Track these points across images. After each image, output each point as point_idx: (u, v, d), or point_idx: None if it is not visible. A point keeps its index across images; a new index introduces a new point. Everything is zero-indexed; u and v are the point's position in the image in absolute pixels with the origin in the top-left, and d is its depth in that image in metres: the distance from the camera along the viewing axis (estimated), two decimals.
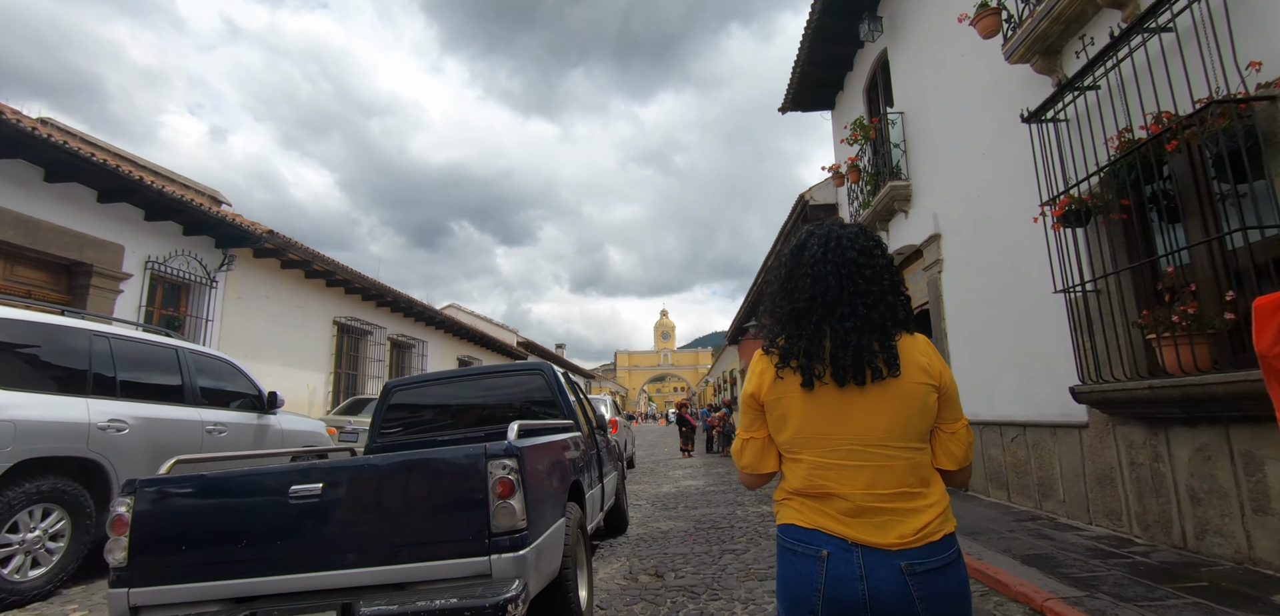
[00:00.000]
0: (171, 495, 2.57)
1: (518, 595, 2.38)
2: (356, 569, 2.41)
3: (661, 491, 9.18)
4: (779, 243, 13.80)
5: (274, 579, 2.42)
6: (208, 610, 2.42)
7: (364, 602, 2.36)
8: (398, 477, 2.56)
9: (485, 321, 28.15)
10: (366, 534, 2.48)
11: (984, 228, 5.97)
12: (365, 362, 14.84)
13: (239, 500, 2.58)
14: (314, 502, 2.46)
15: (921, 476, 1.30)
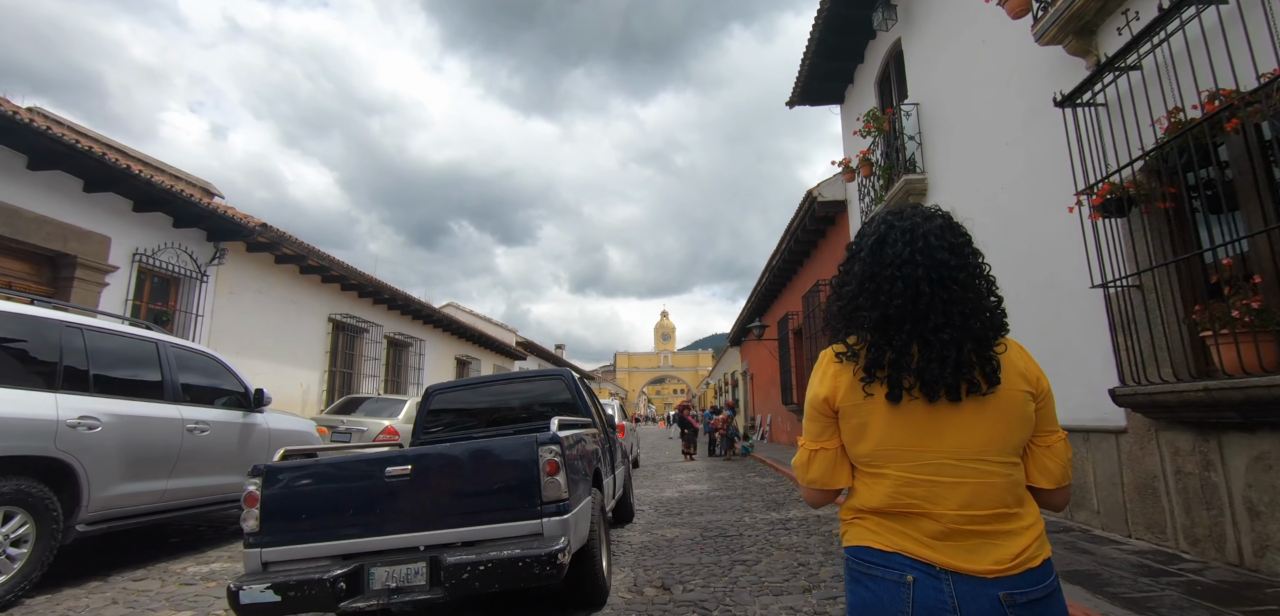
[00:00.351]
0: (289, 475, 3.19)
1: (563, 548, 3.00)
2: (440, 530, 3.07)
3: (664, 496, 8.89)
4: (785, 241, 13.52)
5: (375, 538, 3.05)
6: (323, 564, 3.00)
7: (449, 555, 2.96)
8: (469, 460, 3.22)
9: (484, 320, 27.87)
10: (446, 503, 3.15)
11: (1007, 221, 5.67)
12: (361, 361, 14.55)
13: (345, 478, 3.25)
14: (405, 480, 3.11)
15: (1018, 495, 1.17)
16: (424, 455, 3.24)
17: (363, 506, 3.11)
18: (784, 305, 16.76)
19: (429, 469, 3.19)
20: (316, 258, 11.71)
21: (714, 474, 11.74)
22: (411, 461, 3.15)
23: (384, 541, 3.05)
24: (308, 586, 2.82)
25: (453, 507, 3.13)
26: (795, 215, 12.19)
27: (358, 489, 3.17)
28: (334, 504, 3.15)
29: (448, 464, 3.24)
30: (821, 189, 11.11)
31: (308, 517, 3.12)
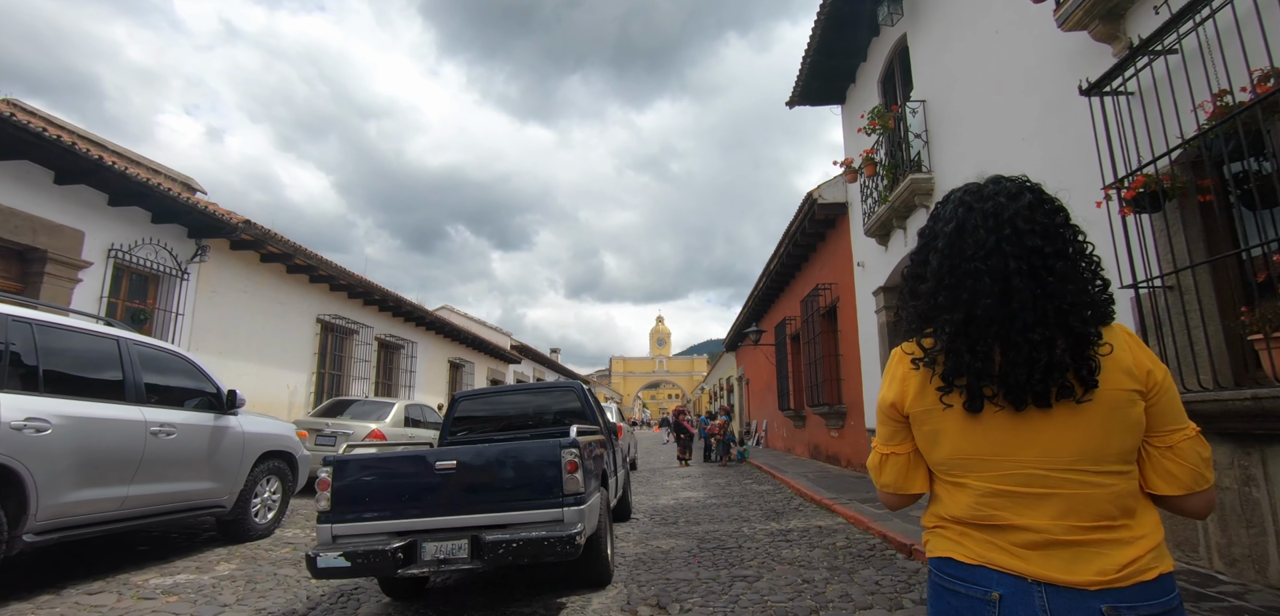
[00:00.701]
0: (355, 466, 3.76)
1: (579, 532, 3.57)
2: (479, 514, 3.64)
3: (659, 503, 8.58)
4: (784, 244, 13.25)
5: (426, 519, 3.63)
6: (383, 538, 3.53)
7: (487, 533, 3.52)
8: (503, 458, 3.77)
9: (478, 324, 27.50)
10: (484, 493, 3.71)
11: None
12: (350, 362, 14.20)
13: (401, 470, 3.84)
14: (451, 472, 3.66)
15: (1125, 506, 1.02)
16: (466, 453, 3.83)
17: (415, 493, 3.71)
18: (782, 309, 16.50)
19: (470, 464, 3.78)
20: (304, 256, 11.38)
21: (710, 480, 11.43)
22: (456, 458, 3.73)
23: (433, 522, 3.64)
24: (372, 555, 3.39)
25: (489, 496, 3.72)
26: (795, 218, 11.93)
27: (411, 479, 3.77)
28: (392, 490, 3.74)
29: (486, 461, 3.82)
30: (822, 191, 10.85)
31: (370, 501, 3.70)
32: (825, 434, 12.69)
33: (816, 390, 12.32)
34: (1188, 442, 1.04)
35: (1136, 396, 1.02)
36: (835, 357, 11.81)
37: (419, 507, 3.69)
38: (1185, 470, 1.03)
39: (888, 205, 7.90)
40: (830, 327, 12.15)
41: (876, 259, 9.13)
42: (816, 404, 12.33)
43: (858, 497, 7.49)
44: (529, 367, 30.80)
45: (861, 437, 10.40)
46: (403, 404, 9.94)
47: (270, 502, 6.15)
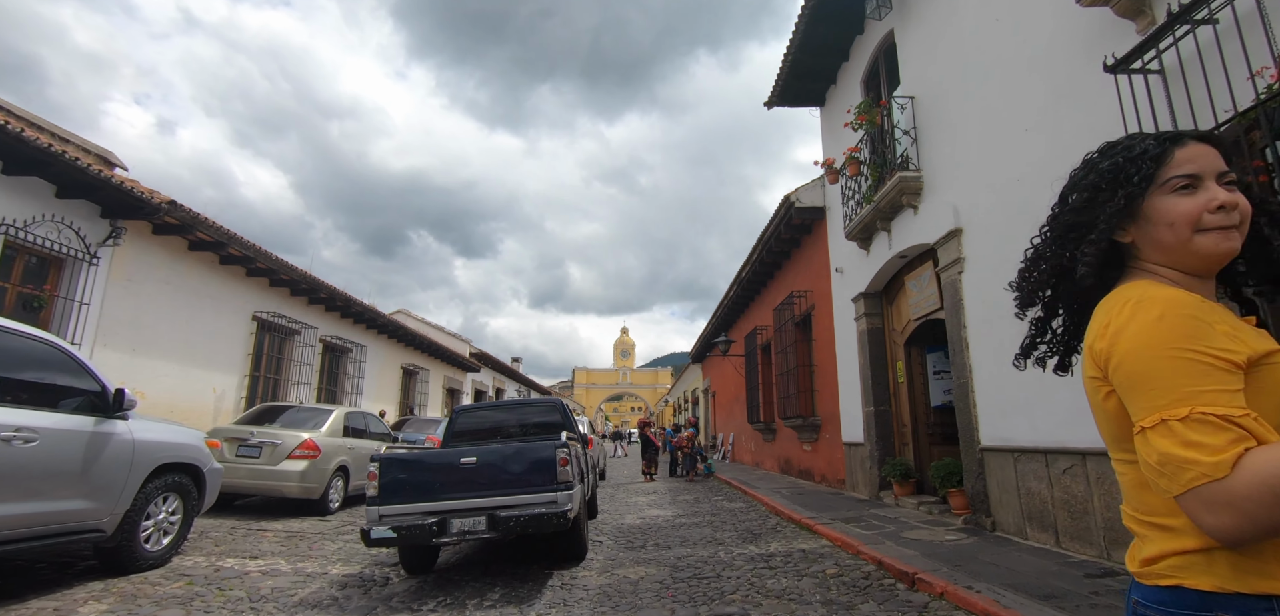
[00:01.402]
0: (396, 464, 4.73)
1: (571, 509, 4.71)
2: (493, 497, 4.66)
3: (624, 523, 7.90)
4: (757, 250, 12.81)
5: (451, 502, 4.63)
6: (419, 515, 4.54)
7: (500, 511, 4.59)
8: (512, 455, 4.80)
9: (436, 330, 26.37)
10: (498, 481, 4.71)
11: (1027, 216, 4.98)
12: (290, 366, 13.10)
13: (432, 465, 4.80)
14: (472, 466, 4.72)
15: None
16: (483, 451, 4.82)
17: (444, 482, 4.67)
18: (753, 319, 16.06)
19: (487, 461, 4.75)
20: (238, 246, 10.35)
21: (678, 497, 10.80)
22: (476, 456, 4.75)
23: (459, 503, 4.60)
24: (413, 528, 4.41)
25: (502, 483, 4.69)
26: (770, 222, 11.49)
27: (441, 472, 4.73)
28: (426, 481, 4.68)
29: (499, 457, 4.80)
30: (799, 194, 10.44)
31: (409, 489, 4.61)
32: (797, 448, 12.23)
33: (789, 402, 11.86)
34: (1140, 439, 0.86)
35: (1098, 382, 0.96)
36: (809, 368, 11.38)
37: (447, 493, 4.69)
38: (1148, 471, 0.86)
39: (872, 206, 7.48)
40: (804, 337, 11.72)
41: (857, 264, 8.71)
42: (789, 416, 11.86)
43: (840, 517, 6.97)
44: (488, 377, 29.70)
45: (836, 451, 9.94)
46: (342, 412, 9.02)
47: (167, 525, 5.24)
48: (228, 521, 7.43)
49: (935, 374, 7.85)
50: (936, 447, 7.73)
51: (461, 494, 4.67)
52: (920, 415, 7.85)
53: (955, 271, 6.10)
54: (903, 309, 8.03)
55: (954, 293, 6.14)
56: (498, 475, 4.76)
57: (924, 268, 7.17)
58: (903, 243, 7.24)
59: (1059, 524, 4.67)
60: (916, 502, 7.10)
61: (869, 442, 8.43)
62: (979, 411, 5.76)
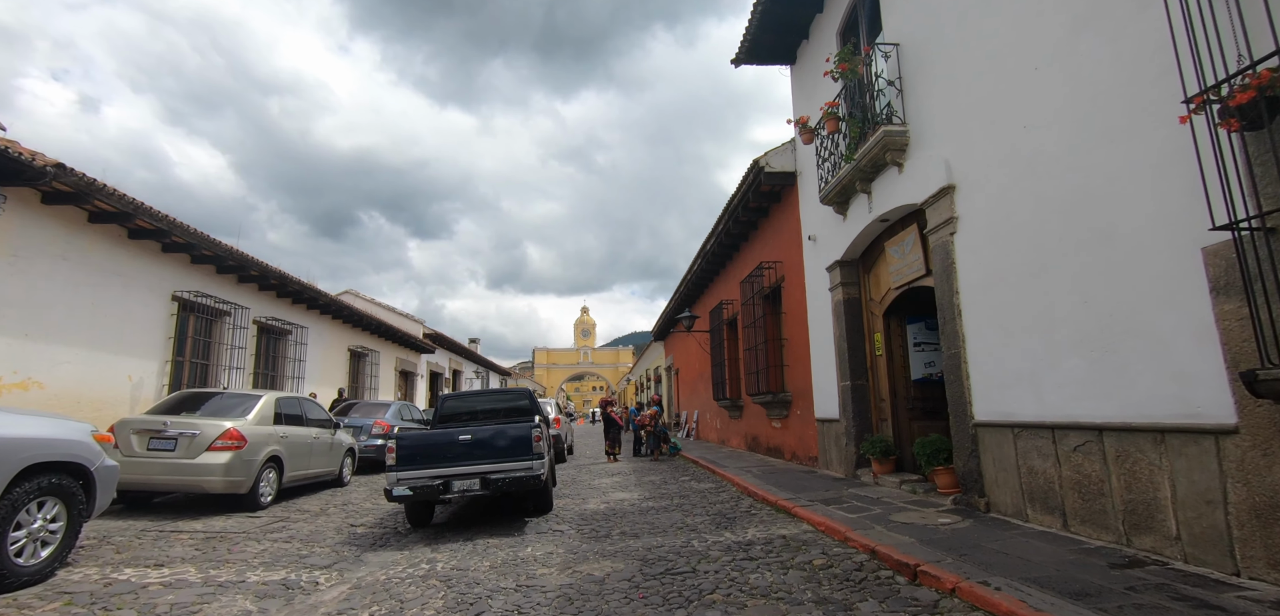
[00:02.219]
0: (411, 438, 6.13)
1: (543, 473, 6.14)
2: (485, 464, 6.02)
3: (588, 508, 7.30)
4: (724, 220, 12.24)
5: (453, 468, 5.97)
6: (428, 478, 5.87)
7: (491, 474, 5.99)
8: (499, 433, 6.20)
9: (388, 310, 25.08)
10: (489, 452, 6.08)
11: (1037, 166, 4.52)
12: (220, 350, 11.96)
13: (438, 440, 6.16)
14: (470, 441, 6.08)
15: None
16: (477, 430, 6.22)
17: (447, 454, 6.04)
18: (718, 293, 15.57)
19: (480, 438, 6.13)
20: (149, 218, 9.19)
21: (644, 478, 10.26)
22: (472, 434, 6.14)
23: (459, 469, 5.99)
24: (425, 487, 5.88)
25: (491, 454, 6.09)
26: (738, 189, 10.92)
27: (445, 446, 6.10)
28: (433, 453, 6.04)
29: (490, 434, 6.19)
30: (769, 159, 9.88)
31: (420, 458, 5.98)
32: (765, 425, 11.83)
33: (757, 378, 11.41)
34: None
35: None
36: (779, 342, 10.93)
37: (450, 461, 6.00)
38: None
39: (851, 165, 6.96)
40: (773, 310, 11.26)
41: (832, 230, 8.23)
42: (757, 392, 11.42)
43: (819, 498, 6.52)
44: (444, 358, 28.58)
45: (808, 428, 9.54)
46: (272, 397, 8.10)
47: (44, 535, 4.38)
48: (139, 523, 6.51)
49: (916, 345, 7.45)
50: (917, 423, 7.35)
51: (461, 462, 6.06)
52: (900, 389, 7.46)
53: (946, 233, 5.63)
54: (882, 277, 7.58)
55: (945, 256, 5.67)
56: (488, 448, 6.15)
57: (907, 232, 6.71)
58: (885, 205, 6.75)
59: (1068, 505, 4.26)
60: (898, 481, 6.70)
61: (845, 418, 8.02)
62: (972, 384, 5.33)
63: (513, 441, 6.15)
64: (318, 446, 8.87)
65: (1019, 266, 4.72)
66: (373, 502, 8.20)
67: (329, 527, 6.42)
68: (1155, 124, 3.50)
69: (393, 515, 7.25)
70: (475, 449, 6.08)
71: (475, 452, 6.07)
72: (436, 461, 5.98)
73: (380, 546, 5.60)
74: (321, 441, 9.01)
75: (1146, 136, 3.57)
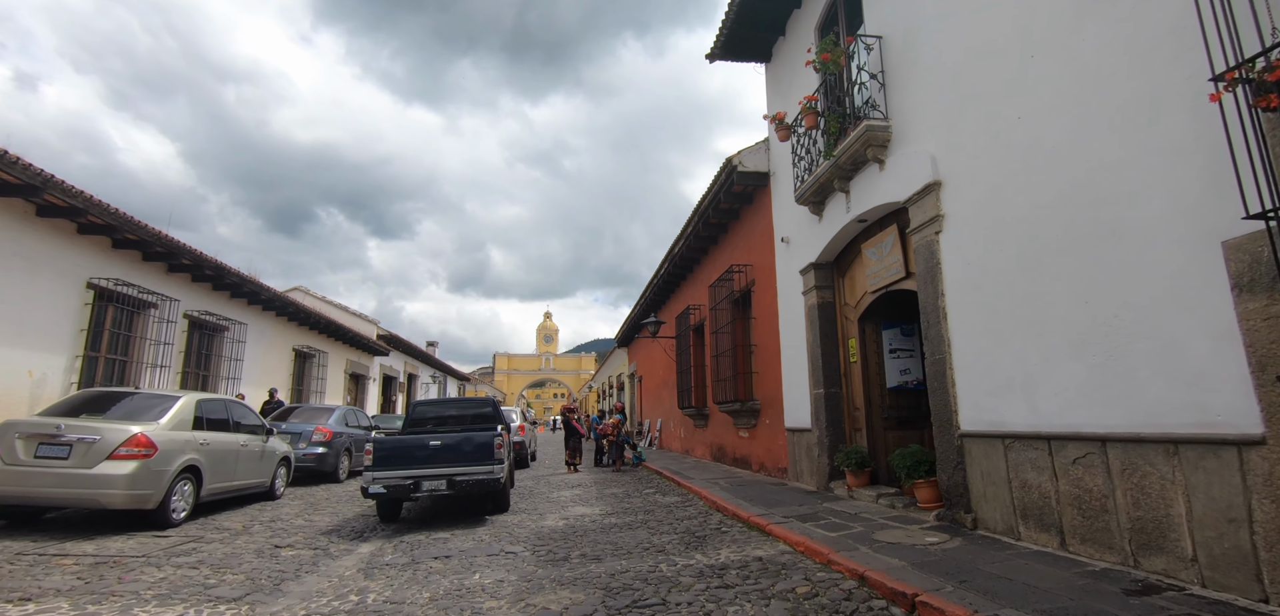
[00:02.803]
0: (387, 443, 6.73)
1: (502, 478, 6.85)
2: (451, 467, 6.65)
3: (545, 525, 6.74)
4: (693, 222, 11.87)
5: (423, 470, 6.59)
6: (401, 478, 6.51)
7: (457, 476, 6.63)
8: (465, 439, 6.79)
9: (340, 309, 23.90)
10: (455, 457, 6.68)
11: (1032, 159, 4.22)
12: (142, 345, 10.93)
13: (411, 445, 6.73)
14: (438, 446, 6.70)
15: None
16: (446, 437, 6.91)
17: (419, 457, 6.70)
18: (685, 298, 15.20)
19: (448, 443, 6.81)
20: (60, 193, 8.25)
21: (605, 490, 9.73)
22: (441, 440, 6.83)
23: (428, 471, 6.65)
24: (398, 486, 6.52)
25: (457, 458, 6.76)
26: (710, 188, 10.56)
27: (416, 450, 6.75)
28: (406, 455, 6.70)
29: (457, 440, 6.87)
30: (742, 158, 9.55)
31: (395, 460, 6.63)
32: (732, 434, 11.45)
33: (724, 385, 11.05)
34: None
35: None
36: (748, 349, 10.58)
37: (420, 464, 6.69)
38: None
39: (830, 163, 6.63)
40: (743, 315, 10.92)
41: (807, 231, 7.90)
42: (724, 401, 11.05)
43: (794, 514, 6.12)
44: (399, 361, 27.45)
45: (778, 438, 9.18)
46: (192, 399, 7.27)
47: None
48: (17, 545, 5.64)
49: (892, 352, 7.16)
50: (893, 433, 7.06)
51: (430, 465, 6.70)
52: (875, 397, 7.15)
53: (931, 232, 5.32)
54: (857, 281, 7.28)
55: (929, 256, 5.36)
56: (454, 453, 6.79)
57: (886, 233, 6.41)
58: (864, 204, 6.44)
59: (1066, 523, 3.94)
60: (875, 495, 6.36)
61: (817, 428, 7.68)
62: (959, 391, 5.01)
63: (477, 448, 6.84)
64: (246, 455, 8.05)
65: (1011, 266, 4.42)
66: (305, 518, 7.45)
67: (248, 550, 5.69)
68: (1170, 109, 3.22)
69: (322, 535, 6.54)
70: (443, 453, 6.77)
71: (443, 456, 6.76)
72: (409, 463, 6.68)
73: (305, 572, 4.93)
74: (250, 449, 8.20)
75: (1160, 123, 3.29)
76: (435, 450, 6.73)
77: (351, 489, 10.43)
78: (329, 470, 11.27)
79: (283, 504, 8.58)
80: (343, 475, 11.72)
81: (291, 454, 9.65)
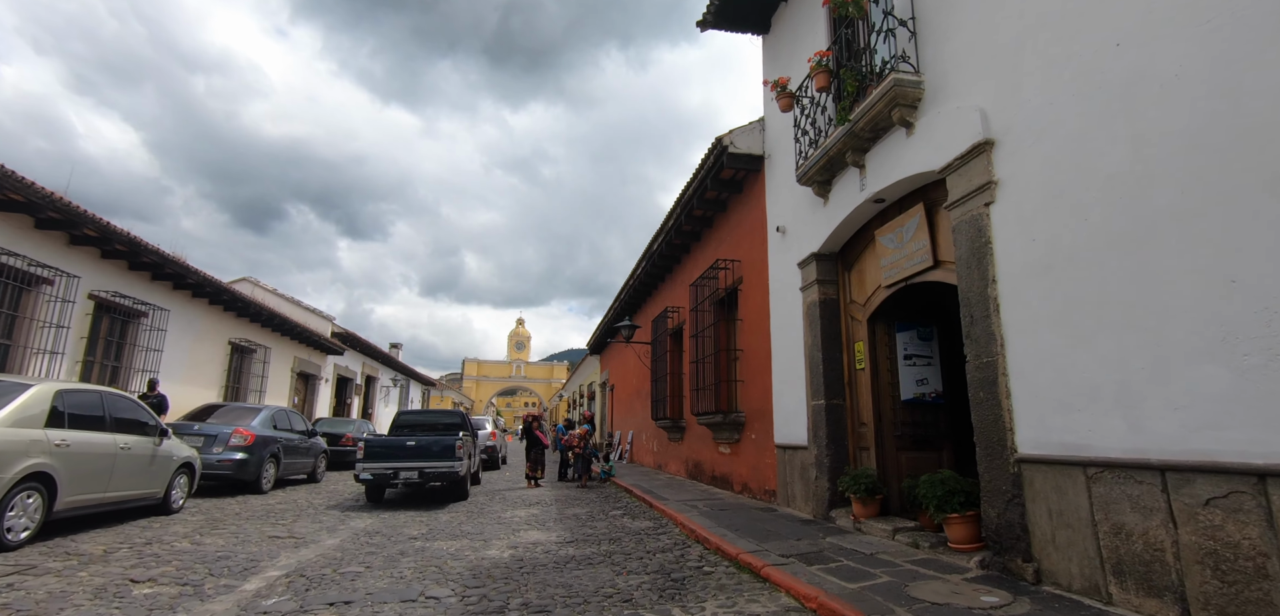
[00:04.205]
0: (375, 441, 8.94)
1: (464, 472, 9.27)
2: (423, 462, 8.83)
3: (486, 556, 5.48)
4: (676, 214, 10.74)
5: (401, 463, 8.77)
6: (383, 469, 8.68)
7: (427, 469, 8.82)
8: (434, 441, 9.04)
9: (291, 303, 22.17)
10: (426, 454, 8.89)
11: (1139, 93, 3.17)
12: (32, 328, 9.34)
13: (391, 444, 8.89)
14: (413, 445, 8.89)
15: None
16: (420, 439, 8.96)
17: (398, 453, 8.71)
18: (662, 300, 14.05)
19: (421, 444, 8.80)
20: None
21: (566, 510, 8.47)
22: (415, 442, 8.82)
23: (405, 464, 8.65)
24: (381, 475, 8.61)
25: (427, 455, 8.76)
26: (696, 174, 9.43)
27: (397, 447, 8.74)
28: (388, 451, 8.69)
29: (428, 442, 8.85)
30: (734, 137, 8.46)
31: (379, 454, 8.65)
32: (711, 450, 10.29)
33: (704, 395, 9.89)
34: None
35: None
36: (732, 354, 9.46)
37: (399, 458, 8.73)
38: None
39: (845, 129, 5.56)
40: (727, 316, 9.80)
41: (809, 218, 6.83)
42: (703, 412, 9.89)
43: (794, 550, 4.96)
44: (356, 361, 25.71)
45: (765, 456, 8.05)
46: (47, 390, 5.82)
47: None
48: None
49: (907, 358, 6.10)
50: (905, 454, 5.98)
51: (407, 459, 8.81)
52: (886, 412, 6.07)
53: (978, 204, 4.25)
54: (868, 274, 6.22)
55: (975, 235, 4.29)
56: (425, 451, 8.89)
57: (908, 214, 5.36)
58: (884, 178, 5.38)
59: (1191, 587, 2.85)
60: (889, 529, 5.24)
61: (815, 446, 6.56)
62: (1015, 404, 3.92)
63: (443, 448, 8.97)
64: (127, 460, 6.61)
65: (1101, 239, 3.35)
66: (193, 541, 6.05)
67: (88, 586, 4.31)
68: None
69: (204, 564, 5.17)
70: (417, 451, 8.88)
71: (417, 453, 8.86)
72: (390, 458, 8.77)
73: None
74: (135, 453, 6.75)
75: None
76: (411, 449, 8.89)
77: (272, 502, 8.97)
78: (249, 479, 9.78)
79: (175, 521, 7.13)
80: (267, 485, 10.23)
81: (195, 459, 8.18)
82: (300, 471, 11.96)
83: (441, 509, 8.45)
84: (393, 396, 31.63)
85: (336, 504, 9.04)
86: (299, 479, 12.36)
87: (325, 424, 17.12)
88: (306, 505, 8.85)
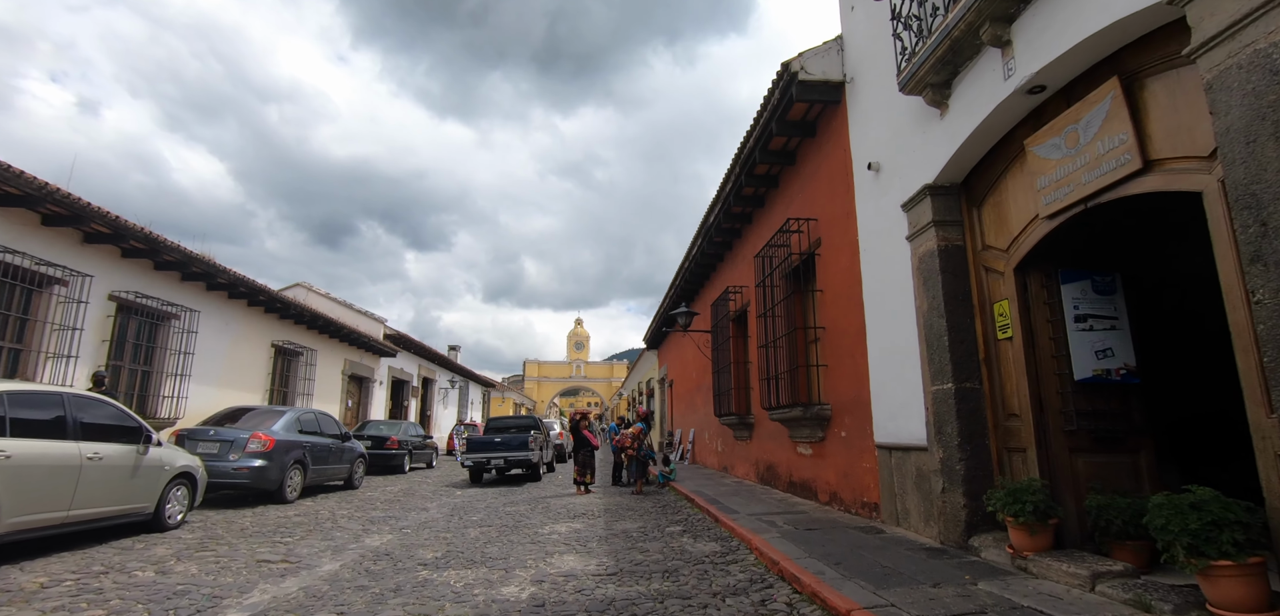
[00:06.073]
0: (475, 439, 13.61)
1: (538, 460, 13.89)
2: (506, 453, 13.04)
3: (500, 595, 4.10)
4: (737, 170, 9.09)
5: (491, 454, 13.04)
6: (480, 457, 13.03)
7: (510, 458, 13.03)
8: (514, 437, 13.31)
9: (341, 306, 21.85)
10: (508, 447, 13.14)
11: None
12: (42, 331, 8.73)
13: (485, 440, 13.34)
14: (500, 441, 13.20)
15: None
16: (505, 437, 13.24)
17: (491, 446, 13.05)
18: (722, 280, 12.43)
19: (505, 440, 13.14)
20: None
21: (615, 524, 7.03)
22: (501, 439, 13.17)
23: (496, 455, 12.94)
24: (480, 463, 13.04)
25: (510, 449, 13.02)
26: (759, 115, 7.74)
27: (491, 442, 13.15)
28: (483, 445, 13.11)
29: (511, 439, 13.18)
30: (805, 60, 6.77)
31: (479, 448, 13.08)
32: (787, 450, 8.60)
33: (776, 384, 8.22)
34: None
35: None
36: (809, 332, 7.76)
37: (492, 451, 12.90)
38: None
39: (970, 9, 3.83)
40: (803, 288, 8.10)
41: (917, 140, 5.10)
42: (776, 406, 8.22)
43: (942, 607, 3.30)
44: (412, 364, 25.26)
45: (862, 458, 6.34)
46: None
47: None
48: None
49: (1079, 320, 4.28)
50: (1082, 456, 4.18)
51: (496, 451, 12.77)
52: (1050, 397, 4.28)
53: (1266, 32, 2.49)
54: (1013, 205, 4.46)
55: (1270, 83, 2.52)
56: (507, 445, 12.83)
57: (1089, 101, 3.60)
58: (1048, 50, 3.63)
59: None
60: (1084, 573, 3.49)
61: (940, 446, 4.84)
62: None
63: (519, 443, 12.91)
64: (97, 471, 5.63)
65: None
66: (163, 569, 4.95)
67: None
68: None
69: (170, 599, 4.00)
70: (502, 445, 12.88)
71: (501, 447, 12.85)
72: (484, 450, 12.86)
73: None
74: (108, 463, 5.78)
75: None
76: (497, 443, 12.86)
77: (290, 514, 7.96)
78: (270, 487, 8.87)
79: (163, 540, 6.13)
80: (292, 494, 9.31)
81: (196, 468, 7.22)
82: (335, 478, 11.07)
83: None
84: (452, 398, 31.23)
85: (360, 516, 7.94)
86: (335, 485, 11.50)
87: (373, 426, 16.48)
88: (326, 518, 7.80)
